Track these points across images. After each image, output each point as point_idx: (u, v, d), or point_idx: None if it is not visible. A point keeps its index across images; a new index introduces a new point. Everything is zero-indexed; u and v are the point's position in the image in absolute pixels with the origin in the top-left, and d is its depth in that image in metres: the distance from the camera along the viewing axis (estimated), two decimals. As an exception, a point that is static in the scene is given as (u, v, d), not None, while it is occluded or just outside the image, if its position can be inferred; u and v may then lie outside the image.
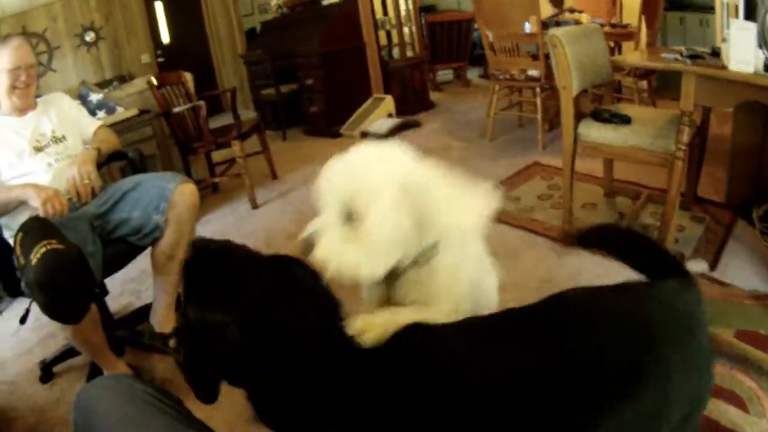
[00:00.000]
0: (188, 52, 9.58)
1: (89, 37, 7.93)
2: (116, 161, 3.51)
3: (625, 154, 3.16)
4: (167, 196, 2.76)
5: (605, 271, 2.97)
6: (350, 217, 1.33)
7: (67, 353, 3.19)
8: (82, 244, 2.46)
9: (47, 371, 3.25)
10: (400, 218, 1.32)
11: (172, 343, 2.86)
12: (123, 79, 7.83)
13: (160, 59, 9.13)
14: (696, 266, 2.96)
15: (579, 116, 3.31)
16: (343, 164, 1.41)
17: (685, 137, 2.87)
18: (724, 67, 2.57)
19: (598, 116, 3.26)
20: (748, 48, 2.42)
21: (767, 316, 2.54)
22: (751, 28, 2.38)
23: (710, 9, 7.20)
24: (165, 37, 9.74)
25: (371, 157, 1.41)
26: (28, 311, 2.94)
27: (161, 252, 2.84)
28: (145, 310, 3.15)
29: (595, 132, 3.19)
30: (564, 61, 3.13)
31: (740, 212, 3.47)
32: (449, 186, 1.48)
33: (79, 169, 2.79)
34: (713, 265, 3.00)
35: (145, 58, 8.67)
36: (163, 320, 2.97)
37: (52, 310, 2.24)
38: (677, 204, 3.15)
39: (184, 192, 2.81)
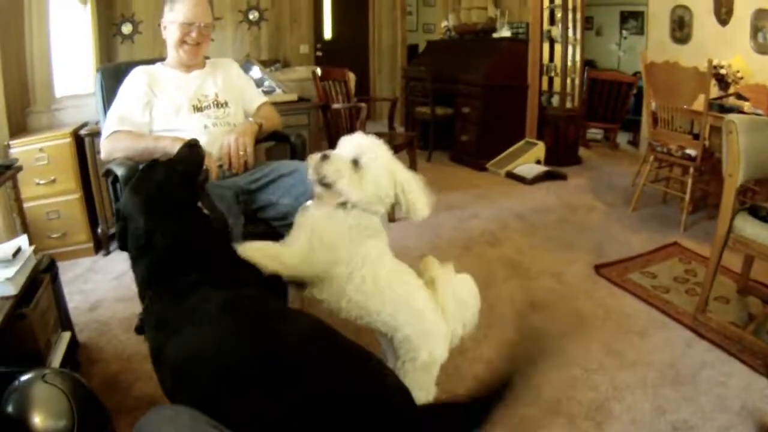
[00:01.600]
0: (347, 52, 9.74)
1: (253, 15, 8.22)
2: (273, 141, 3.49)
3: (775, 257, 3.05)
4: None
5: (730, 370, 2.87)
6: (356, 163, 2.02)
7: (173, 313, 3.21)
8: (225, 214, 2.44)
9: (147, 324, 3.28)
10: (384, 180, 2.04)
11: None
12: (278, 63, 8.01)
13: (318, 53, 9.31)
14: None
15: (735, 208, 3.23)
16: (360, 136, 2.11)
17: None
18: None
19: (756, 212, 3.14)
20: None
21: None
22: None
23: None
24: (327, 33, 9.93)
25: (377, 141, 2.08)
26: None
27: None
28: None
29: (750, 228, 3.07)
30: (736, 148, 3.05)
31: None
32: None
33: (237, 138, 2.78)
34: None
35: (304, 48, 8.89)
36: None
37: None
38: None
39: None
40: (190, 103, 2.95)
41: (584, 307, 3.56)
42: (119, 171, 2.65)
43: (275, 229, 2.76)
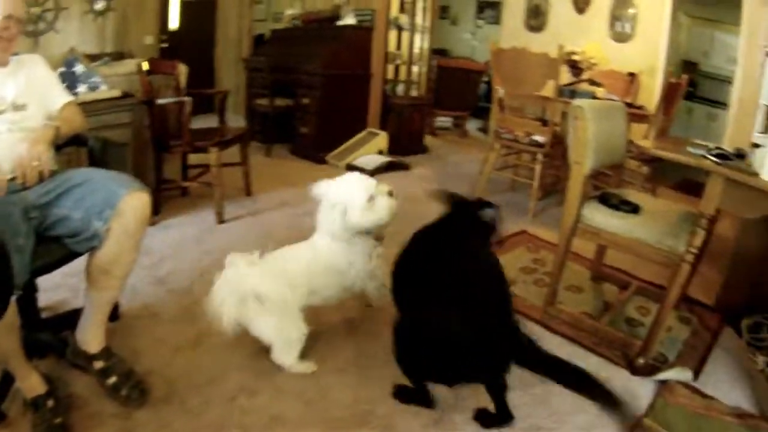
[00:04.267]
0: (193, 43, 9.50)
1: (99, 5, 7.68)
2: (78, 146, 3.04)
3: (627, 246, 2.90)
4: (114, 203, 2.34)
5: (586, 364, 2.63)
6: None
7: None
8: (11, 234, 2.09)
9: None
10: None
11: (97, 365, 2.48)
12: (122, 56, 7.60)
13: (164, 44, 8.93)
14: (680, 375, 2.74)
15: (584, 196, 3.11)
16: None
17: (698, 241, 2.62)
18: (755, 174, 2.37)
19: (606, 200, 3.03)
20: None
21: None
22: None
23: (720, 104, 7.25)
24: (173, 23, 9.62)
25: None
26: None
27: (96, 264, 2.40)
28: (77, 315, 2.64)
29: (599, 217, 2.96)
30: (584, 135, 2.92)
31: (729, 319, 3.29)
32: None
33: (29, 147, 2.41)
34: (696, 374, 2.79)
35: (149, 39, 8.44)
36: (90, 338, 2.53)
37: None
38: (672, 307, 2.94)
39: (135, 202, 2.39)
40: None
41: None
42: None
43: (69, 247, 2.42)
